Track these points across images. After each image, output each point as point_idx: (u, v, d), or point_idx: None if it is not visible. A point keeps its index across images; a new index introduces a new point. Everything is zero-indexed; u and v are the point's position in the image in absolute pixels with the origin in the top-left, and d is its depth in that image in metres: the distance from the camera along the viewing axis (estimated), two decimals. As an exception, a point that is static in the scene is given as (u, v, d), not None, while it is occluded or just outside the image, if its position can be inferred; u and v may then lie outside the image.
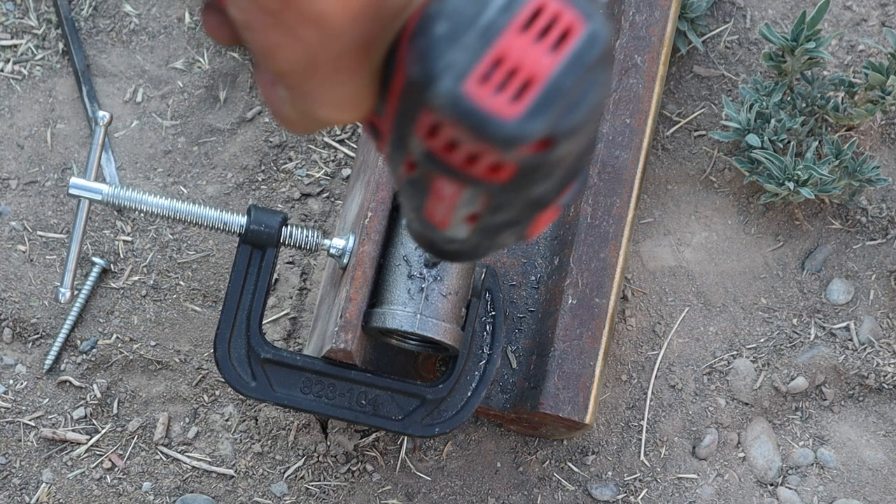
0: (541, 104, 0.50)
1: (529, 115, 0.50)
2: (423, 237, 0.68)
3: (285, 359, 1.14)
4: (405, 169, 0.58)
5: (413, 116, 0.54)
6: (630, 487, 1.33)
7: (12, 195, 1.38)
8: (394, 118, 0.56)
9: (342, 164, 1.41)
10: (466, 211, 0.58)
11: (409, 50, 0.52)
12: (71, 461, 1.32)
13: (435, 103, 0.51)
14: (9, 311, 1.35)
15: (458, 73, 0.50)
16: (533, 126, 0.51)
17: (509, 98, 0.50)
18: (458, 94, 0.50)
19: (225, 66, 1.44)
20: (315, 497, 1.31)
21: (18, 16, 1.44)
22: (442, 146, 0.53)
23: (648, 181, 1.40)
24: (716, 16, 1.46)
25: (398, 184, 0.61)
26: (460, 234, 0.61)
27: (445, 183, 0.56)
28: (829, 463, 1.35)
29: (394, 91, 0.55)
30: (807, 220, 1.41)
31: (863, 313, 1.38)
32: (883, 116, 1.43)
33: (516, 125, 0.50)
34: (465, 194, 0.56)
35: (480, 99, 0.50)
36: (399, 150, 0.58)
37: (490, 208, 0.57)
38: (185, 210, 1.14)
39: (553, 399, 1.18)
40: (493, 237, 0.62)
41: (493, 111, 0.50)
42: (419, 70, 0.51)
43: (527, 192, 0.56)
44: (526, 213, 0.59)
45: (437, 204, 0.59)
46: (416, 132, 0.54)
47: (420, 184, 0.58)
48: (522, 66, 0.50)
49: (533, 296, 1.27)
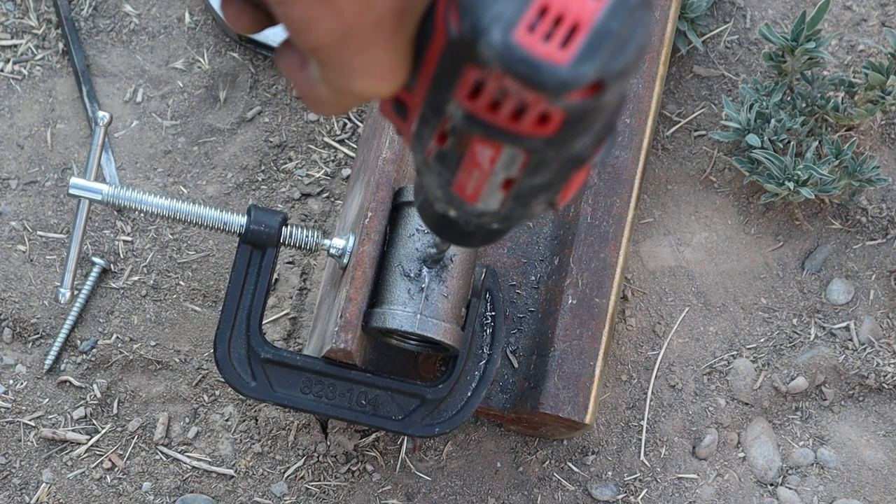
0: (590, 48, 0.51)
1: (580, 59, 0.51)
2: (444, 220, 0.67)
3: (285, 359, 1.14)
4: (436, 142, 0.58)
5: (454, 78, 0.54)
6: (630, 487, 1.33)
7: (12, 195, 1.38)
8: (429, 85, 0.56)
9: (342, 164, 1.41)
10: (503, 175, 0.58)
11: (451, 7, 0.53)
12: (71, 461, 1.32)
13: (485, 55, 0.51)
14: (9, 311, 1.35)
15: (507, 23, 0.51)
16: (584, 69, 0.51)
17: (558, 44, 0.51)
18: (509, 44, 0.51)
19: (225, 66, 1.44)
20: (315, 497, 1.31)
21: (18, 16, 1.44)
22: (485, 104, 0.54)
23: (648, 181, 1.40)
24: (716, 16, 1.46)
25: (424, 162, 0.61)
26: (492, 204, 0.61)
27: (484, 146, 0.56)
28: (829, 463, 1.35)
29: (431, 56, 0.55)
30: (807, 220, 1.41)
31: (863, 313, 1.38)
32: (883, 116, 1.43)
33: (568, 70, 0.51)
34: (503, 156, 0.57)
35: (531, 47, 0.51)
36: (431, 122, 0.58)
37: (529, 169, 0.58)
38: (185, 210, 1.14)
39: (553, 399, 1.18)
40: (526, 204, 0.62)
41: (545, 58, 0.51)
42: (465, 26, 0.52)
43: (568, 147, 0.57)
44: (562, 172, 0.60)
45: (471, 173, 0.59)
46: (456, 95, 0.54)
47: (452, 155, 0.58)
48: (568, 11, 0.51)
49: (533, 296, 1.27)
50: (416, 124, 0.59)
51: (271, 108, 1.43)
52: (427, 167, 0.62)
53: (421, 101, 0.58)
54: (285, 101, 1.43)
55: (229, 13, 0.61)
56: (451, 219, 0.66)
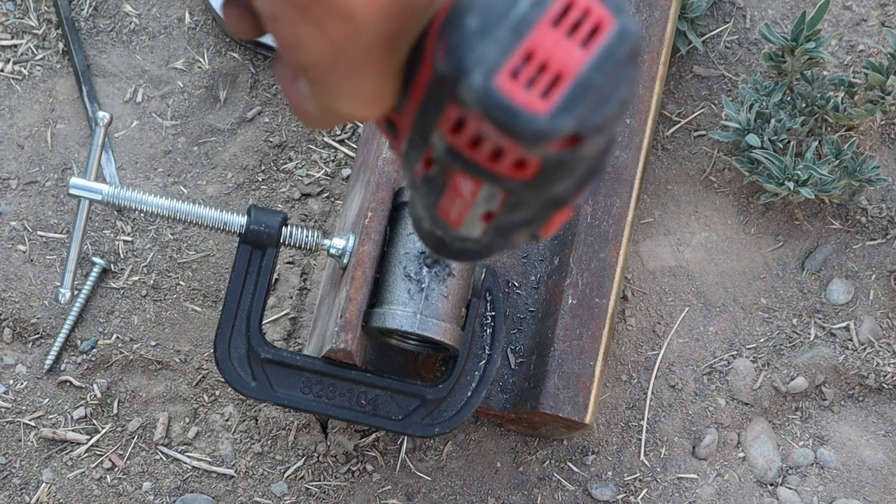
0: (570, 100, 0.50)
1: (559, 110, 0.50)
2: (433, 236, 0.68)
3: (285, 359, 1.14)
4: (422, 166, 0.58)
5: (438, 111, 0.54)
6: (630, 487, 1.33)
7: (12, 195, 1.38)
8: (416, 113, 0.56)
9: (342, 164, 1.41)
10: (483, 209, 0.58)
11: (439, 44, 0.52)
12: (71, 461, 1.32)
13: (465, 97, 0.51)
14: (9, 311, 1.35)
15: (490, 67, 0.50)
16: (562, 122, 0.50)
17: (540, 93, 0.50)
18: (489, 89, 0.50)
19: (225, 66, 1.44)
20: (315, 497, 1.31)
21: (18, 16, 1.44)
22: (466, 142, 0.53)
23: (648, 181, 1.40)
24: (716, 16, 1.46)
25: (412, 182, 0.61)
26: (474, 232, 0.61)
27: (465, 180, 0.56)
28: (829, 463, 1.35)
29: (418, 86, 0.55)
30: (807, 220, 1.41)
31: (863, 313, 1.38)
32: (883, 116, 1.42)
33: (546, 121, 0.50)
34: (484, 191, 0.56)
35: (511, 93, 0.50)
36: (418, 147, 0.57)
37: (508, 206, 0.57)
38: (185, 210, 1.14)
39: (553, 399, 1.18)
40: (507, 236, 0.62)
41: (524, 106, 0.50)
42: (449, 64, 0.51)
43: (547, 191, 0.56)
44: (542, 212, 0.59)
45: (454, 201, 0.59)
46: (439, 127, 0.54)
47: (437, 181, 0.58)
48: (553, 61, 0.50)
49: (533, 296, 1.27)
50: (405, 145, 0.59)
51: (271, 108, 1.43)
52: (415, 187, 0.62)
53: (409, 125, 0.57)
54: (285, 102, 1.43)
55: (230, 18, 0.61)
56: (438, 237, 0.66)
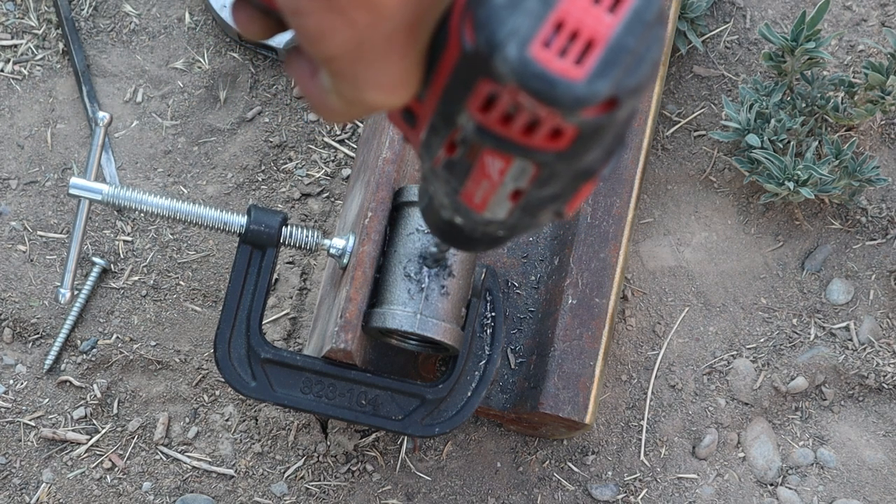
0: (605, 64, 0.51)
1: (595, 75, 0.51)
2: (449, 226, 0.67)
3: (285, 359, 1.14)
4: (445, 151, 0.58)
5: (467, 90, 0.54)
6: (630, 487, 1.33)
7: (12, 195, 1.38)
8: (440, 97, 0.56)
9: (342, 164, 1.41)
10: (512, 187, 0.58)
11: (464, 23, 0.53)
12: (71, 461, 1.32)
13: (500, 70, 0.51)
14: (9, 311, 1.35)
15: (523, 38, 0.51)
16: (600, 86, 0.51)
17: (574, 60, 0.51)
18: (525, 60, 0.51)
19: (225, 66, 1.44)
20: (315, 497, 1.31)
21: (18, 16, 1.44)
22: (498, 118, 0.54)
23: (648, 181, 1.40)
24: (716, 16, 1.46)
25: (432, 170, 0.61)
26: (500, 213, 0.61)
27: (494, 158, 0.56)
28: (829, 463, 1.35)
29: (443, 69, 0.55)
30: (807, 220, 1.41)
31: (863, 313, 1.38)
32: (883, 116, 1.43)
33: (584, 86, 0.51)
34: (514, 168, 0.57)
35: (547, 62, 0.51)
36: (441, 132, 0.58)
37: (538, 181, 0.58)
38: (185, 210, 1.14)
39: (553, 399, 1.18)
40: (534, 215, 0.62)
41: (561, 73, 0.51)
42: (480, 39, 0.51)
43: (579, 161, 0.57)
44: (572, 184, 0.60)
45: (479, 184, 0.59)
46: (468, 107, 0.54)
47: (461, 165, 0.58)
48: (584, 27, 0.51)
49: (533, 296, 1.27)
50: (425, 133, 0.59)
51: (271, 108, 1.43)
52: (435, 175, 0.62)
53: (431, 111, 0.58)
54: (285, 101, 1.43)
55: (240, 19, 0.61)
56: (456, 225, 0.66)
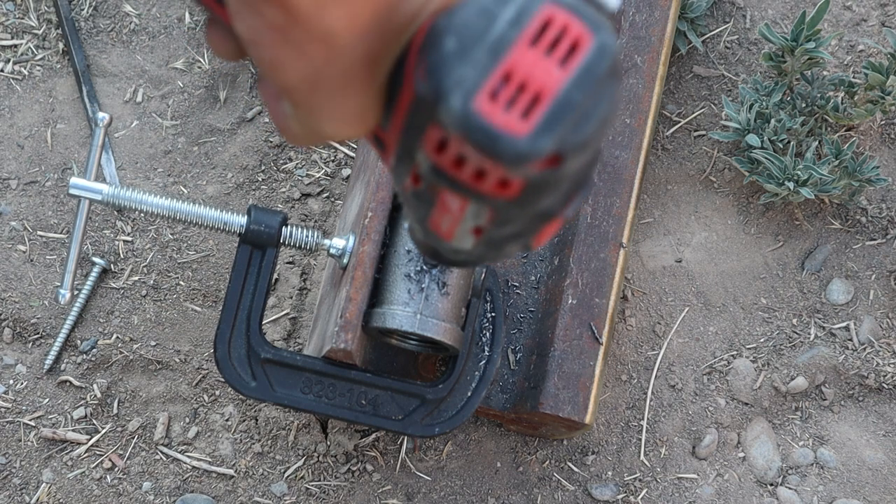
0: (550, 120, 0.50)
1: (539, 131, 0.50)
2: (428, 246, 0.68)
3: (285, 359, 1.14)
4: (411, 181, 0.58)
5: (421, 131, 0.53)
6: (630, 487, 1.33)
7: (12, 195, 1.38)
8: (400, 132, 0.56)
9: (342, 164, 1.41)
10: (472, 224, 0.58)
11: (418, 66, 0.52)
12: (71, 461, 1.32)
13: (444, 120, 0.51)
14: (9, 311, 1.35)
15: (468, 89, 0.50)
16: (542, 143, 0.50)
17: (519, 115, 0.50)
18: (467, 112, 0.50)
19: (225, 66, 1.44)
20: (315, 497, 1.31)
21: (18, 16, 1.44)
22: (450, 161, 0.53)
23: (648, 181, 1.40)
24: (716, 16, 1.46)
25: (403, 196, 0.61)
26: (465, 245, 0.61)
27: (452, 197, 0.56)
28: (829, 463, 1.35)
29: (401, 105, 0.55)
30: (807, 220, 1.41)
31: (863, 313, 1.38)
32: (883, 116, 1.43)
33: (526, 142, 0.50)
34: (471, 208, 0.56)
35: (490, 116, 0.50)
36: (405, 164, 0.57)
37: (496, 222, 0.57)
38: (185, 210, 1.14)
39: (553, 399, 1.18)
40: (499, 248, 0.62)
41: (503, 128, 0.50)
42: (428, 86, 0.51)
43: (533, 207, 0.56)
44: (531, 225, 0.59)
45: (443, 216, 0.59)
46: (423, 147, 0.54)
47: (426, 196, 0.58)
48: (532, 80, 0.50)
49: (533, 296, 1.27)
50: (393, 159, 0.59)
51: (271, 108, 1.43)
52: (406, 201, 0.62)
53: (394, 143, 0.57)
54: (285, 101, 1.43)
55: (212, 40, 0.61)
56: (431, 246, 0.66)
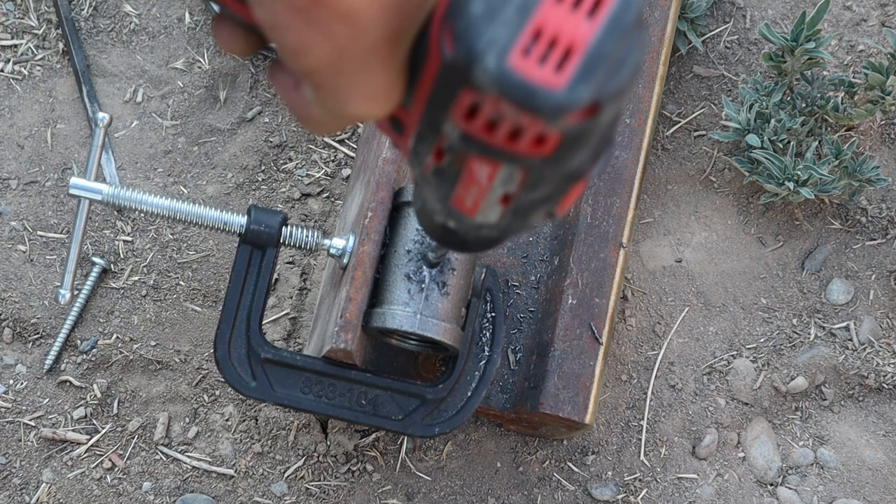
0: (585, 71, 0.51)
1: (575, 82, 0.51)
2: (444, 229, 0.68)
3: (285, 359, 1.14)
4: (433, 158, 0.58)
5: (449, 100, 0.54)
6: (630, 487, 1.33)
7: (12, 195, 1.38)
8: (424, 106, 0.56)
9: (342, 164, 1.41)
10: (501, 191, 0.59)
11: (444, 34, 0.53)
12: (71, 461, 1.32)
13: (480, 81, 0.51)
14: (9, 311, 1.35)
15: (501, 48, 0.51)
16: (580, 93, 0.51)
17: (553, 68, 0.51)
18: (504, 70, 0.51)
19: (225, 66, 1.44)
20: (315, 497, 1.31)
21: (18, 16, 1.44)
22: (482, 126, 0.54)
23: (648, 181, 1.40)
24: (716, 16, 1.46)
25: (422, 176, 0.61)
26: (491, 218, 0.61)
27: (481, 165, 0.56)
28: (829, 463, 1.35)
29: (425, 78, 0.55)
30: (807, 220, 1.41)
31: (863, 313, 1.38)
32: (883, 116, 1.43)
33: (564, 94, 0.51)
34: (501, 174, 0.57)
35: (526, 72, 0.51)
36: (428, 140, 0.58)
37: (526, 185, 0.58)
38: (185, 210, 1.14)
39: (553, 399, 1.18)
40: (525, 217, 0.62)
41: (541, 82, 0.51)
42: (460, 50, 0.51)
43: (566, 164, 0.57)
44: (560, 186, 0.60)
45: (468, 189, 0.59)
46: (452, 116, 0.54)
47: (450, 171, 0.58)
48: (562, 35, 0.51)
49: (533, 296, 1.27)
50: (412, 140, 0.59)
51: (271, 108, 1.43)
52: (425, 181, 0.62)
53: (417, 120, 0.58)
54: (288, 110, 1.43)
55: (222, 36, 0.61)
56: (450, 228, 0.66)
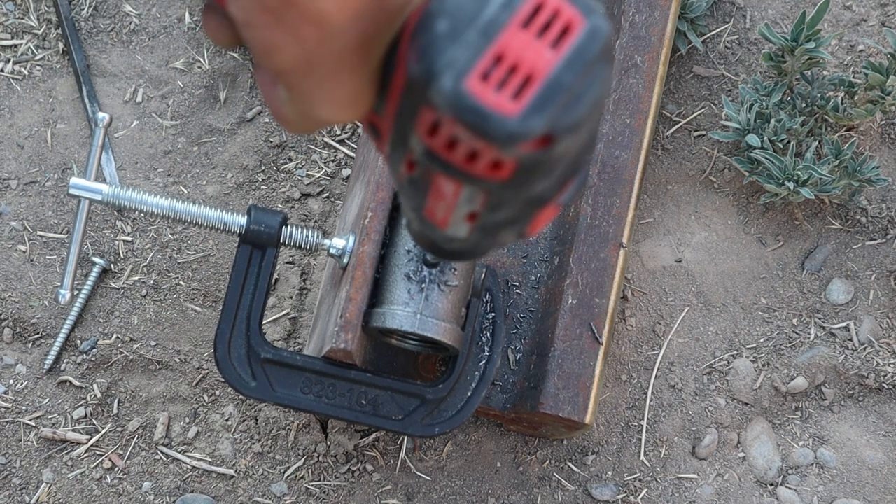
0: (541, 101, 0.50)
1: (530, 111, 0.50)
2: (424, 237, 0.68)
3: (285, 359, 1.14)
4: (405, 168, 0.58)
5: (413, 114, 0.54)
6: (630, 487, 1.33)
7: (12, 195, 1.38)
8: (394, 117, 0.56)
9: (342, 164, 1.41)
10: (466, 209, 0.58)
11: (411, 48, 0.52)
12: (71, 461, 1.32)
13: (436, 101, 0.51)
14: (9, 311, 1.35)
15: (459, 70, 0.50)
16: (533, 123, 0.50)
17: (510, 95, 0.50)
18: (458, 92, 0.50)
19: (225, 66, 1.44)
20: (315, 497, 1.31)
21: (18, 16, 1.44)
22: (442, 144, 0.53)
23: (648, 181, 1.40)
24: (716, 16, 1.46)
25: (398, 184, 0.61)
26: (460, 232, 0.61)
27: (445, 181, 0.56)
28: (829, 463, 1.35)
29: (394, 89, 0.55)
30: (807, 220, 1.41)
31: (863, 313, 1.38)
32: (883, 116, 1.43)
33: (517, 122, 0.50)
34: (464, 192, 0.56)
35: (481, 96, 0.50)
36: (399, 149, 0.58)
37: (490, 206, 0.58)
38: (185, 210, 1.14)
39: (553, 399, 1.18)
40: (493, 235, 0.62)
41: (494, 108, 0.50)
42: (420, 68, 0.51)
43: (527, 190, 0.56)
44: (526, 210, 0.59)
45: (438, 203, 0.59)
46: (416, 130, 0.54)
47: (420, 183, 0.58)
48: (523, 62, 0.50)
49: (533, 296, 1.27)
50: (388, 147, 0.59)
51: (271, 108, 1.43)
52: (401, 189, 0.62)
53: (389, 128, 0.58)
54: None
55: (209, 27, 0.61)
56: (428, 237, 0.66)
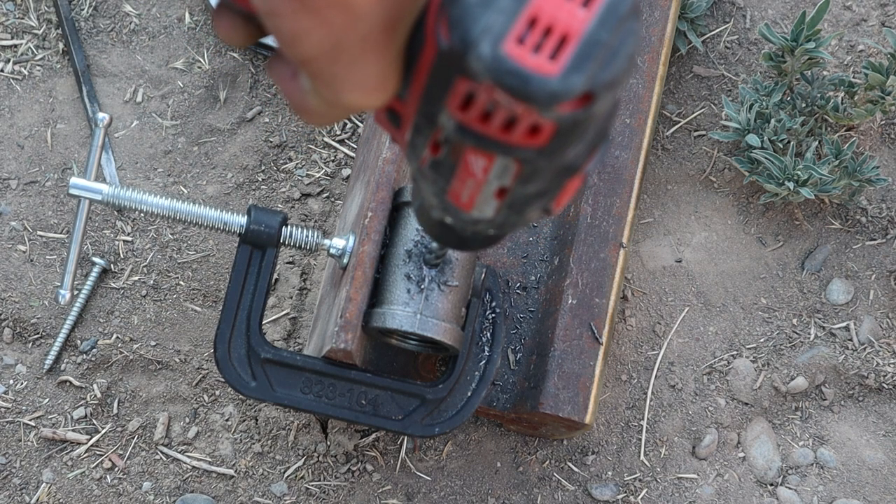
0: (579, 59, 0.51)
1: (570, 70, 0.51)
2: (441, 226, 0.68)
3: (285, 359, 1.14)
4: (430, 151, 0.58)
5: (445, 89, 0.54)
6: (630, 487, 1.33)
7: (12, 195, 1.38)
8: (421, 97, 0.56)
9: (342, 164, 1.41)
10: (496, 185, 0.59)
11: (440, 21, 0.53)
12: (71, 461, 1.32)
13: (475, 68, 0.51)
14: (9, 311, 1.35)
15: (496, 35, 0.51)
16: (574, 81, 0.51)
17: (548, 56, 0.51)
18: (498, 57, 0.51)
19: (225, 66, 1.44)
20: (315, 497, 1.31)
21: (18, 16, 1.44)
22: (477, 116, 0.54)
23: (648, 181, 1.41)
24: (716, 16, 1.46)
25: (419, 170, 0.61)
26: (487, 212, 0.61)
27: (476, 156, 0.56)
28: (829, 463, 1.35)
29: (421, 68, 0.56)
30: (807, 220, 1.41)
31: (863, 313, 1.38)
32: (883, 116, 1.43)
33: (558, 81, 0.51)
34: (497, 166, 0.57)
35: (521, 59, 0.51)
36: (424, 132, 0.58)
37: (522, 178, 0.58)
38: (185, 210, 1.14)
39: (553, 399, 1.18)
40: (521, 212, 0.62)
41: (535, 70, 0.51)
42: (455, 37, 0.52)
43: (561, 156, 0.57)
44: (555, 181, 0.60)
45: (465, 183, 0.59)
46: (447, 106, 0.54)
47: (446, 164, 0.58)
48: (557, 23, 0.51)
49: (533, 296, 1.27)
50: (409, 133, 0.59)
51: (271, 108, 1.43)
52: (422, 175, 0.62)
53: (413, 111, 0.58)
54: (285, 101, 1.43)
55: (222, 27, 0.61)
56: (447, 225, 0.66)
